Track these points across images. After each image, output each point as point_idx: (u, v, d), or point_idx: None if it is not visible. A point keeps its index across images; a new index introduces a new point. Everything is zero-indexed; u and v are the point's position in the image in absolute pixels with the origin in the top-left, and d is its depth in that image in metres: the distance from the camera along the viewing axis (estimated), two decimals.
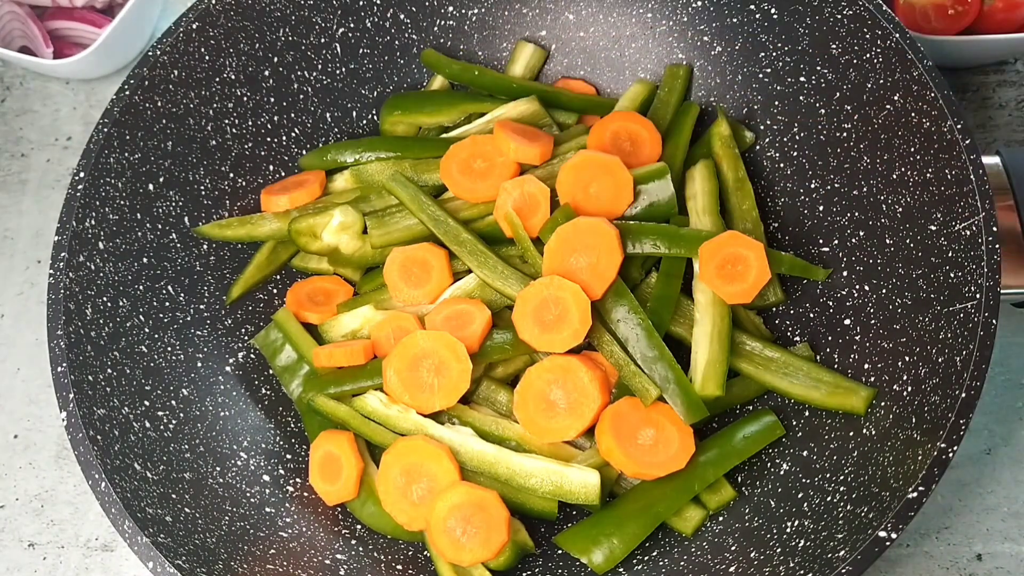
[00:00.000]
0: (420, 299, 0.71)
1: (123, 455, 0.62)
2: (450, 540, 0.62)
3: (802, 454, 0.65)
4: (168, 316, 0.72)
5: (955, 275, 0.60)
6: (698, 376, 0.65)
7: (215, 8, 0.74)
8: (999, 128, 0.85)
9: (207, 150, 0.76)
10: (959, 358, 0.58)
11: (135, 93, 0.71)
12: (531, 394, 0.65)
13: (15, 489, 0.78)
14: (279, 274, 0.79)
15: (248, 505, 0.66)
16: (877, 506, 0.56)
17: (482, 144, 0.73)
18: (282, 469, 0.70)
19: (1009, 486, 0.72)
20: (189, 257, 0.74)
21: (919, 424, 0.58)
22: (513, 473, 0.64)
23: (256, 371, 0.74)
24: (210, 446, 0.68)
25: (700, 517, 0.64)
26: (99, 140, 0.69)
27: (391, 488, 0.64)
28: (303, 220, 0.73)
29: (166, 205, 0.73)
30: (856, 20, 0.68)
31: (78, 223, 0.67)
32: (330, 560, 0.64)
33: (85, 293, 0.66)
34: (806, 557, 0.57)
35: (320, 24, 0.79)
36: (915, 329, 0.62)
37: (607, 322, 0.67)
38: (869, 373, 0.65)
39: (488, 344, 0.67)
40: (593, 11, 0.81)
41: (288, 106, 0.80)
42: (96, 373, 0.64)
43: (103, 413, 0.63)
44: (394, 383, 0.66)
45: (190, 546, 0.60)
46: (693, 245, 0.68)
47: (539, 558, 0.66)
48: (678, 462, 0.64)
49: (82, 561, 0.75)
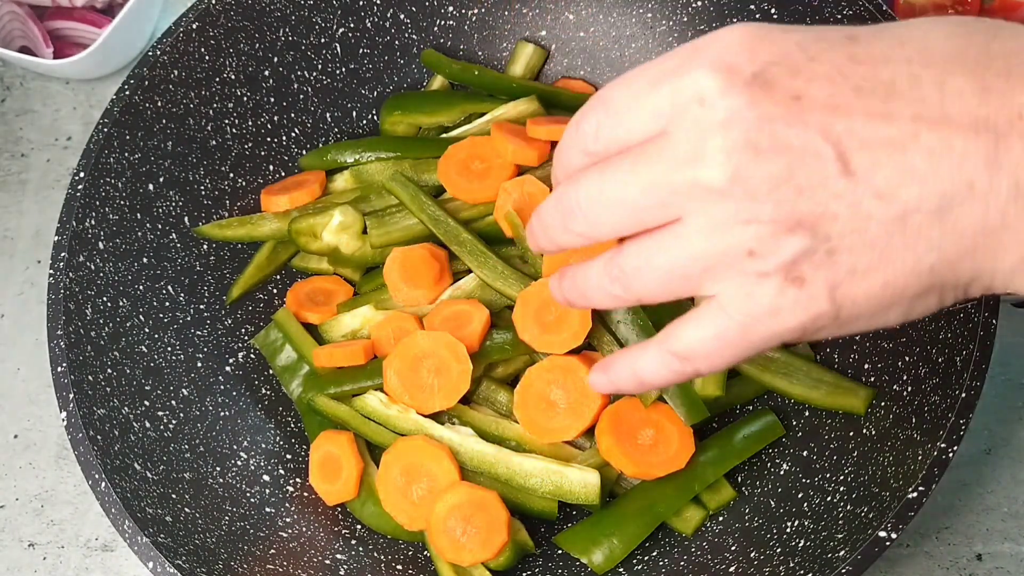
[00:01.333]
0: (420, 299, 0.71)
1: (123, 455, 0.62)
2: (450, 540, 0.62)
3: (802, 454, 0.65)
4: (168, 316, 0.72)
5: None
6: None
7: (215, 8, 0.74)
8: None
9: (207, 150, 0.76)
10: (959, 358, 0.58)
11: (135, 93, 0.71)
12: (531, 394, 0.65)
13: (15, 489, 0.78)
14: (279, 274, 0.79)
15: (248, 505, 0.66)
16: (877, 506, 0.56)
17: (480, 145, 0.73)
18: (282, 469, 0.70)
19: (1009, 486, 0.72)
20: (189, 257, 0.74)
21: (919, 424, 0.58)
22: (513, 473, 0.64)
23: (256, 371, 0.74)
24: (210, 446, 0.68)
25: (700, 517, 0.64)
26: (99, 140, 0.69)
27: (391, 488, 0.64)
28: (303, 220, 0.73)
29: (166, 205, 0.73)
30: (856, 20, 0.68)
31: (78, 223, 0.67)
32: (330, 560, 0.64)
33: (85, 293, 0.66)
34: (806, 557, 0.57)
35: (320, 24, 0.79)
36: (915, 329, 0.62)
37: (607, 323, 0.67)
38: (869, 373, 0.65)
39: (488, 344, 0.67)
40: (593, 11, 0.81)
41: (288, 106, 0.80)
42: (96, 373, 0.64)
43: (103, 413, 0.63)
44: (394, 383, 0.66)
45: (190, 546, 0.60)
46: None
47: (539, 558, 0.66)
48: (678, 462, 0.64)
49: (82, 561, 0.75)
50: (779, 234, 0.36)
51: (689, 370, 0.42)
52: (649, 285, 0.40)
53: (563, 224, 0.42)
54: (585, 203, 0.41)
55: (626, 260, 0.41)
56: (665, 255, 0.39)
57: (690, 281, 0.39)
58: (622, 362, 0.45)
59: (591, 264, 0.44)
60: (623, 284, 0.41)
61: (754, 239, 0.37)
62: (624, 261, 0.41)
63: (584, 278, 0.44)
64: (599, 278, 0.43)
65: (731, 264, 0.37)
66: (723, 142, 0.36)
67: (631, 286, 0.41)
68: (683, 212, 0.38)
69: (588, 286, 0.44)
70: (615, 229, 0.41)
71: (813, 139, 0.36)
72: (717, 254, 0.37)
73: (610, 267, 0.42)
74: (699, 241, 0.38)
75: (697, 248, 0.38)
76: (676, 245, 0.38)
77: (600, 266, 0.43)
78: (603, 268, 0.42)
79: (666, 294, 0.40)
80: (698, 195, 0.37)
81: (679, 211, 0.38)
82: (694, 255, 0.38)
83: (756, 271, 0.37)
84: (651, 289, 0.40)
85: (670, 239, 0.39)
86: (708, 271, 0.38)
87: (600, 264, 0.43)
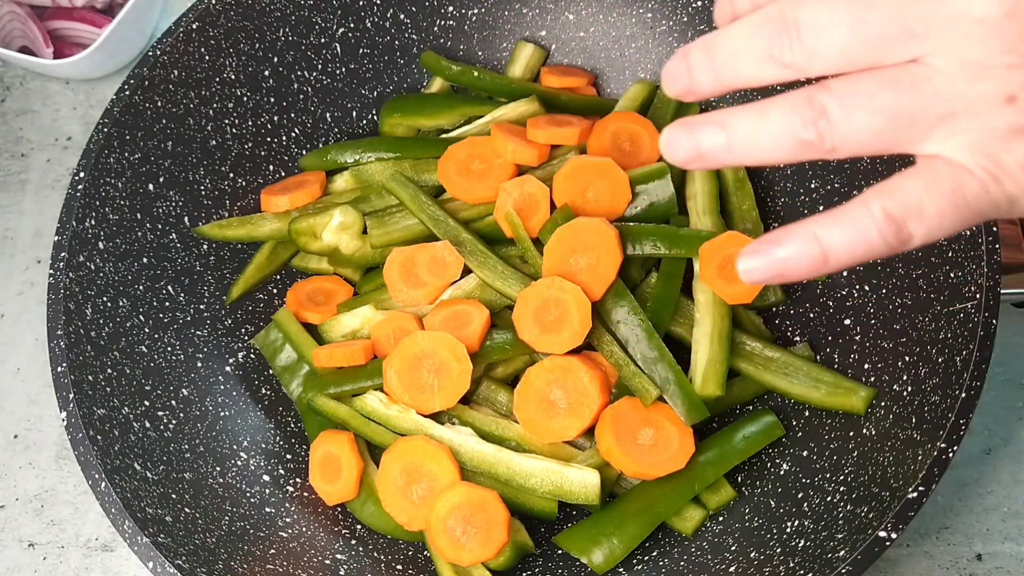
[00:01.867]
0: (420, 299, 0.71)
1: (123, 455, 0.62)
2: (450, 540, 0.62)
3: (802, 454, 0.65)
4: (168, 316, 0.72)
5: (955, 275, 0.60)
6: (698, 376, 0.65)
7: (215, 8, 0.74)
8: None
9: (207, 150, 0.76)
10: (959, 358, 0.58)
11: (135, 93, 0.71)
12: (531, 394, 0.65)
13: (15, 489, 0.78)
14: (279, 274, 0.79)
15: (248, 505, 0.66)
16: (877, 506, 0.56)
17: (480, 145, 0.73)
18: (282, 469, 0.70)
19: (1009, 486, 0.72)
20: (189, 257, 0.74)
21: (919, 424, 0.58)
22: (513, 473, 0.64)
23: (256, 371, 0.74)
24: (210, 446, 0.68)
25: (700, 517, 0.64)
26: (99, 140, 0.69)
27: (391, 488, 0.64)
28: (303, 220, 0.73)
29: (166, 205, 0.73)
30: None
31: (78, 223, 0.67)
32: (330, 560, 0.64)
33: (85, 293, 0.66)
34: (806, 557, 0.57)
35: (320, 24, 0.79)
36: (915, 329, 0.62)
37: (607, 323, 0.67)
38: (869, 373, 0.65)
39: (488, 344, 0.67)
40: (593, 11, 0.81)
41: (288, 106, 0.80)
42: (96, 373, 0.64)
43: (103, 413, 0.63)
44: (394, 383, 0.66)
45: (190, 546, 0.60)
46: (693, 245, 0.68)
47: (539, 558, 0.66)
48: (678, 462, 0.64)
49: (82, 561, 0.75)
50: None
51: (898, 237, 0.34)
52: (860, 130, 0.33)
53: (765, 48, 0.34)
54: (808, 22, 0.33)
55: (836, 97, 0.33)
56: (895, 94, 0.32)
57: (917, 130, 0.33)
58: (801, 232, 0.35)
59: (776, 101, 0.35)
60: (823, 126, 0.33)
61: (1020, 86, 0.31)
62: (833, 98, 0.33)
63: (760, 118, 0.35)
64: (786, 118, 0.34)
65: (980, 112, 0.32)
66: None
67: (834, 129, 0.33)
68: (929, 50, 0.32)
69: (765, 131, 0.35)
70: (837, 61, 0.33)
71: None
72: (967, 99, 0.32)
73: (810, 102, 0.34)
74: (948, 82, 0.32)
75: (943, 89, 0.32)
76: (914, 84, 0.32)
77: (794, 102, 0.34)
78: (798, 103, 0.34)
79: (876, 146, 0.33)
80: (959, 29, 0.31)
81: (925, 47, 0.32)
82: (937, 96, 0.32)
83: (1011, 124, 0.32)
84: (860, 136, 0.33)
85: (906, 77, 0.32)
86: (946, 119, 0.32)
87: (794, 100, 0.34)
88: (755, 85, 0.35)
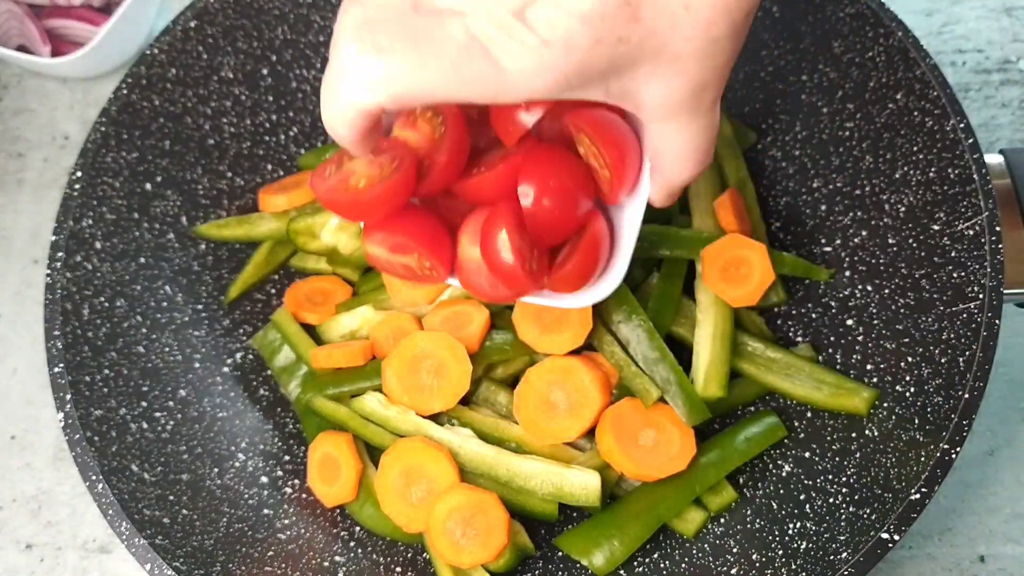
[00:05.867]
0: (419, 299, 0.70)
1: (120, 456, 0.62)
2: (449, 542, 0.61)
3: (804, 455, 0.65)
4: (165, 316, 0.71)
5: (958, 275, 0.60)
6: (700, 377, 0.65)
7: (213, 6, 0.73)
8: (1002, 127, 0.84)
9: (205, 149, 0.75)
10: (962, 359, 0.57)
11: (132, 92, 0.71)
12: (531, 395, 0.65)
13: (12, 490, 0.78)
14: (277, 274, 0.79)
15: (246, 507, 0.66)
16: (879, 508, 0.56)
17: None
18: (280, 471, 0.70)
19: (1012, 487, 0.72)
20: (187, 257, 0.74)
21: (922, 425, 0.58)
22: (513, 475, 0.63)
23: (254, 372, 0.74)
24: (208, 447, 0.68)
25: (701, 519, 0.64)
26: (96, 139, 0.69)
27: (390, 490, 0.64)
28: (301, 220, 0.73)
29: (163, 204, 0.73)
30: (858, 18, 0.67)
31: (75, 222, 0.67)
32: (328, 562, 0.64)
33: (82, 293, 0.66)
34: (808, 559, 0.57)
35: (319, 22, 0.78)
36: (918, 330, 0.62)
37: (608, 323, 0.66)
38: (872, 374, 0.64)
39: (488, 345, 0.67)
40: None
41: (286, 105, 0.79)
42: (93, 374, 0.64)
43: (100, 414, 0.63)
44: (393, 384, 0.66)
45: (188, 548, 0.60)
46: (695, 246, 0.67)
47: (539, 560, 0.66)
48: (679, 463, 0.63)
49: (79, 563, 0.75)
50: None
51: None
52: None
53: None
54: None
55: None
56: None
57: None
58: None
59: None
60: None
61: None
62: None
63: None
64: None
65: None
66: None
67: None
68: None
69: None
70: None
71: None
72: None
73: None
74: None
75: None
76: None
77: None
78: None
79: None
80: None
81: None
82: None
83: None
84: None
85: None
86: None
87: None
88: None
